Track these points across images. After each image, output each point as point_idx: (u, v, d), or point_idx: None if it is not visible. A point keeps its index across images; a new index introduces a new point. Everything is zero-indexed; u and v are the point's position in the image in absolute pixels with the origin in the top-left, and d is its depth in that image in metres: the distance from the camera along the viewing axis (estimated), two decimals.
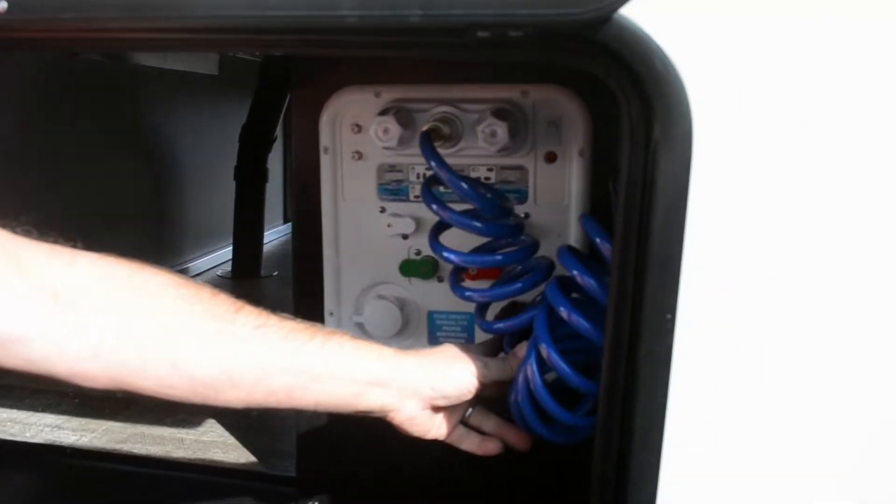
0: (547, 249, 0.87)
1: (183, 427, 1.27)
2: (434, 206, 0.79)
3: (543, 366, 0.73)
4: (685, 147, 0.54)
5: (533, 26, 0.53)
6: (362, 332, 0.96)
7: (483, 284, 0.86)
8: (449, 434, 0.77)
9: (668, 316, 0.57)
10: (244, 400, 0.65)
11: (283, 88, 2.38)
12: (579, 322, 0.70)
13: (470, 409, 0.78)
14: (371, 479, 1.04)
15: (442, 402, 0.73)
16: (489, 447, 0.79)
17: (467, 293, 0.81)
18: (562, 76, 0.90)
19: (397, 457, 1.02)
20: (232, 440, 1.21)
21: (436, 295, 0.94)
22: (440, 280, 0.93)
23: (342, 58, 0.92)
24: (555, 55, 0.58)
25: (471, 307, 0.93)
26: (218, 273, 2.58)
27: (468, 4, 0.52)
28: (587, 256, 0.76)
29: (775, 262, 0.55)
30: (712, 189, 0.55)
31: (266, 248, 2.69)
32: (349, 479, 1.05)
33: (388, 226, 0.92)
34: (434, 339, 0.95)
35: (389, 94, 0.92)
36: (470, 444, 0.79)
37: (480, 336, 0.93)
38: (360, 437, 1.02)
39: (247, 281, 2.48)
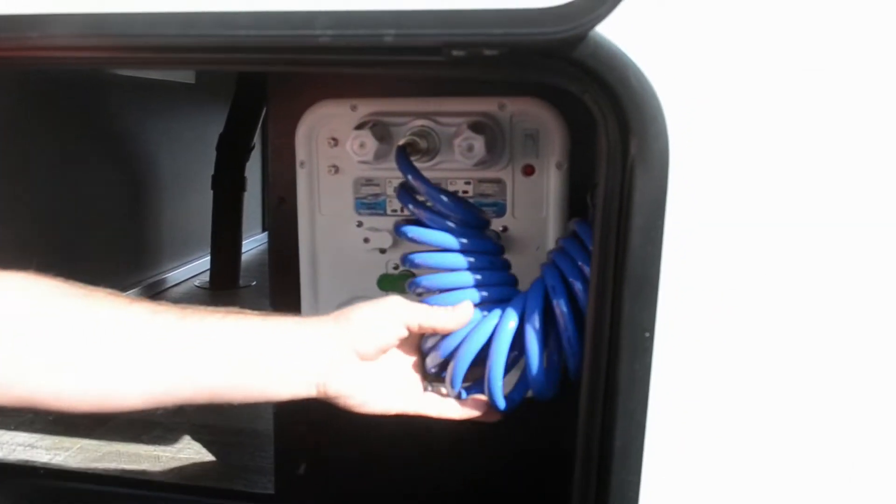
0: (525, 260, 0.86)
1: (159, 444, 1.25)
2: (410, 206, 0.77)
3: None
4: (662, 164, 0.54)
5: (508, 45, 0.53)
6: None
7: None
8: (422, 407, 0.71)
9: (647, 334, 0.56)
10: (145, 398, 0.60)
11: (260, 96, 2.37)
12: (566, 317, 0.69)
13: (429, 387, 0.73)
14: (350, 495, 1.03)
15: (368, 347, 0.66)
16: (485, 413, 0.72)
17: (412, 256, 0.77)
18: (539, 89, 0.90)
19: (377, 473, 1.01)
20: (209, 457, 1.19)
21: None
22: (419, 294, 0.92)
23: (320, 72, 0.91)
24: (530, 73, 0.57)
25: None
26: (196, 283, 2.56)
27: (442, 24, 0.51)
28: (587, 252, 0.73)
29: (755, 279, 0.55)
30: (690, 205, 0.55)
31: (245, 257, 2.67)
32: (328, 495, 1.03)
33: (366, 240, 0.92)
34: None
35: (366, 108, 0.92)
36: (451, 410, 0.72)
37: None
38: (340, 453, 1.01)
39: (225, 291, 2.46)
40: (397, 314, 0.68)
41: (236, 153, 2.53)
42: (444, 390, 0.72)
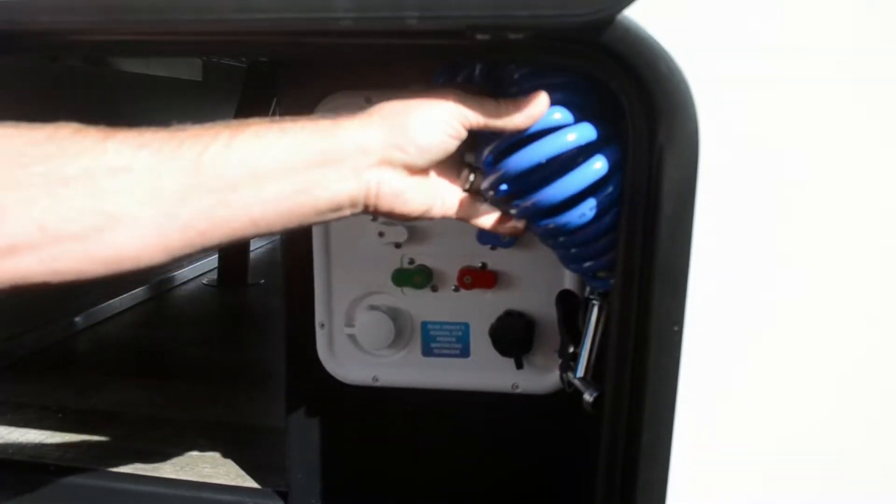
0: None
1: (170, 441, 1.24)
2: None
3: None
4: (691, 151, 0.53)
5: (534, 28, 0.51)
6: (354, 343, 0.94)
7: None
8: (457, 207, 0.62)
9: (676, 328, 0.55)
10: (157, 245, 0.52)
11: (268, 94, 2.35)
12: None
13: (471, 175, 0.63)
14: (362, 492, 1.02)
15: (420, 160, 0.57)
16: (513, 228, 0.64)
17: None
18: None
19: (392, 469, 1.00)
20: (221, 454, 1.18)
21: (430, 305, 0.92)
22: (434, 290, 0.91)
23: (332, 62, 0.90)
24: (556, 58, 0.56)
25: (465, 317, 0.91)
26: (204, 281, 2.55)
27: (467, 6, 0.50)
28: None
29: (788, 271, 0.53)
30: (721, 194, 0.53)
31: (253, 255, 2.66)
32: (342, 492, 1.02)
33: (380, 234, 0.90)
34: (428, 351, 0.93)
35: (380, 100, 0.89)
36: (486, 218, 0.63)
37: (476, 347, 0.91)
38: (354, 449, 1.00)
39: (233, 289, 2.45)
40: (453, 112, 0.57)
41: None
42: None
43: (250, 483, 1.08)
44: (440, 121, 0.57)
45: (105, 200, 0.50)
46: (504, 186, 0.62)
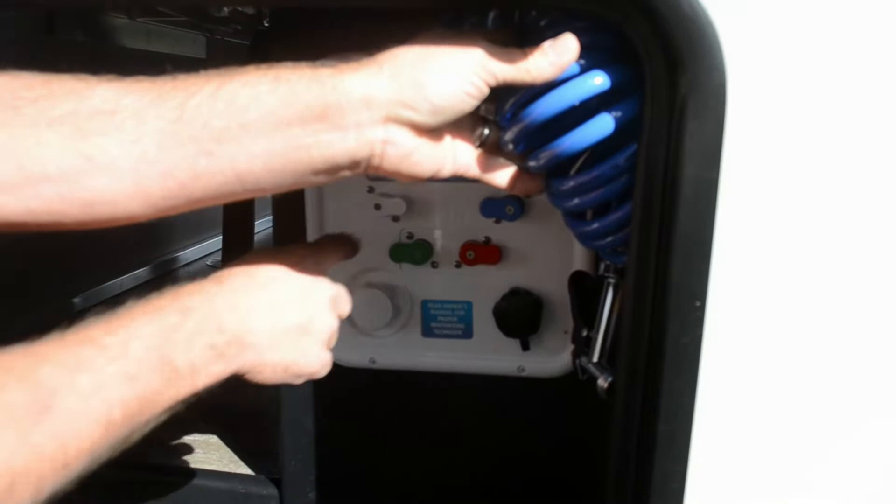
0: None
1: (162, 427, 1.20)
2: None
3: None
4: (718, 104, 0.47)
5: None
6: (350, 323, 0.88)
7: None
8: (471, 165, 0.57)
9: (698, 303, 0.50)
10: (134, 192, 0.48)
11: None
12: None
13: (486, 131, 0.57)
14: (359, 479, 0.98)
15: (431, 120, 0.51)
16: (531, 186, 0.60)
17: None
18: None
19: (390, 455, 0.96)
20: (214, 440, 1.14)
21: (430, 282, 0.87)
22: (434, 266, 0.86)
23: (327, 31, 0.84)
24: (567, 1, 0.50)
25: (467, 296, 0.87)
26: (208, 262, 2.52)
27: None
28: None
29: (821, 241, 0.48)
30: (750, 153, 0.47)
31: (257, 237, 2.61)
32: (338, 480, 0.98)
33: (377, 207, 0.85)
34: (428, 331, 0.88)
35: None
36: (501, 175, 0.58)
37: (479, 327, 0.86)
38: (350, 434, 0.96)
39: None
40: (477, 68, 0.51)
41: None
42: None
43: (244, 469, 1.05)
44: (461, 78, 0.50)
45: (85, 142, 0.47)
46: (525, 139, 0.56)
